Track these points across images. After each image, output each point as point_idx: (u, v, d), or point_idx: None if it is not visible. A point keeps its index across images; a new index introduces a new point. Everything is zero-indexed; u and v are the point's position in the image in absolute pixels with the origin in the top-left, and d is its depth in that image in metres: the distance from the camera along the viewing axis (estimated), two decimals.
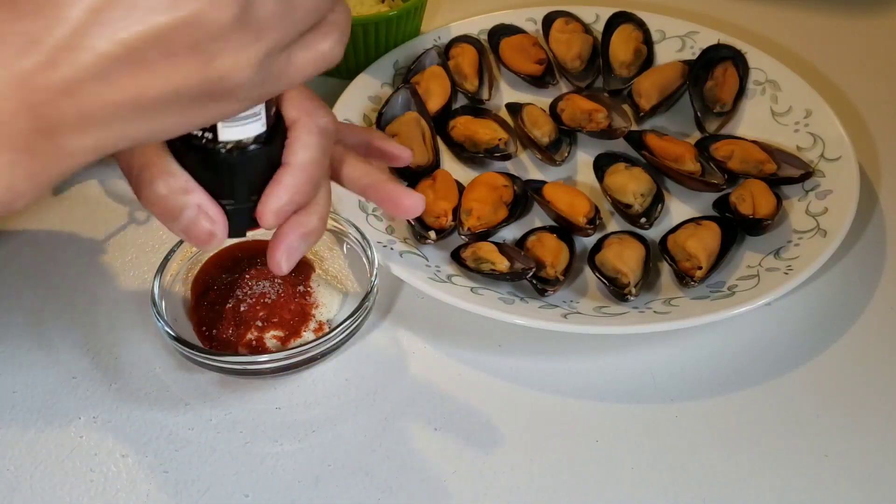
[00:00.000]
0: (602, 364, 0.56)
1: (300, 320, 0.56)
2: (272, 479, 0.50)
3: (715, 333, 0.58)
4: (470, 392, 0.55)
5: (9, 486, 0.50)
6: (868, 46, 0.84)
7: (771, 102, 0.72)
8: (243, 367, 0.53)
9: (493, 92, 0.76)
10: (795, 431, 0.52)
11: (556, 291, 0.59)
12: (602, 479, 0.50)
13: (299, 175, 0.41)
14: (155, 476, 0.50)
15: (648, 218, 0.64)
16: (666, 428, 0.53)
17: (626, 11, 0.78)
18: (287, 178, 0.41)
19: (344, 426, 0.53)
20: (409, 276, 0.57)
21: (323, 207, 0.44)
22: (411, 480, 0.50)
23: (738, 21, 0.85)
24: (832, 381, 0.55)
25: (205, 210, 0.40)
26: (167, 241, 0.64)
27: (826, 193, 0.63)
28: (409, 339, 0.58)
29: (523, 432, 0.52)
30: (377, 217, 0.63)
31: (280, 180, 0.41)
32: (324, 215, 0.45)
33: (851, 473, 0.50)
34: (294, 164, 0.41)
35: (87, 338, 0.58)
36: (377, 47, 0.76)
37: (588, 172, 0.68)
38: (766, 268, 0.59)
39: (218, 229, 0.40)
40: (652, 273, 0.61)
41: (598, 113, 0.70)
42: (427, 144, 0.68)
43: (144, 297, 0.60)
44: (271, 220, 0.41)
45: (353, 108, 0.71)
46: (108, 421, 0.53)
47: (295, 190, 0.41)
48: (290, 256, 0.44)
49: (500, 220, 0.63)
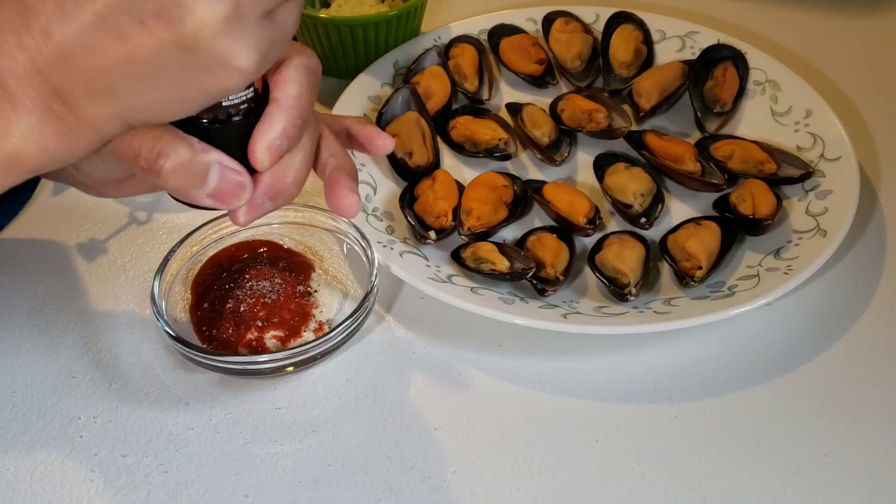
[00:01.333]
0: (602, 364, 0.56)
1: (300, 320, 0.56)
2: (272, 479, 0.50)
3: (715, 333, 0.58)
4: (470, 392, 0.55)
5: (9, 486, 0.50)
6: (868, 46, 0.84)
7: (771, 102, 0.72)
8: (243, 367, 0.53)
9: (493, 92, 0.76)
10: (795, 431, 0.52)
11: (556, 291, 0.59)
12: (602, 479, 0.50)
13: (288, 110, 0.40)
14: (155, 476, 0.50)
15: (648, 218, 0.64)
16: (666, 428, 0.53)
17: (626, 11, 0.78)
18: (276, 113, 0.40)
19: (344, 426, 0.53)
20: (409, 276, 0.57)
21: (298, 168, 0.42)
22: (411, 480, 0.50)
23: (738, 21, 0.85)
24: (832, 381, 0.55)
25: (227, 164, 0.39)
26: (167, 241, 0.64)
27: (826, 193, 0.63)
28: (409, 339, 0.58)
29: (523, 432, 0.52)
30: (377, 217, 0.63)
31: (270, 116, 0.40)
32: (297, 178, 0.42)
33: (851, 473, 0.50)
34: (282, 99, 0.40)
35: (87, 338, 0.58)
36: (377, 47, 0.76)
37: (588, 172, 0.68)
38: (766, 268, 0.59)
39: (246, 179, 0.40)
40: (652, 273, 0.61)
41: (598, 113, 0.70)
42: (427, 144, 0.68)
43: (144, 298, 0.60)
44: (264, 156, 0.40)
45: (353, 108, 0.71)
46: (108, 421, 0.53)
47: (285, 124, 0.40)
48: (251, 210, 0.42)
49: (500, 220, 0.63)
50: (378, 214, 0.64)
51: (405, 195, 0.65)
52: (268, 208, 0.42)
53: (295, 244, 0.61)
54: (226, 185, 0.40)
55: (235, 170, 0.40)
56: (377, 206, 0.65)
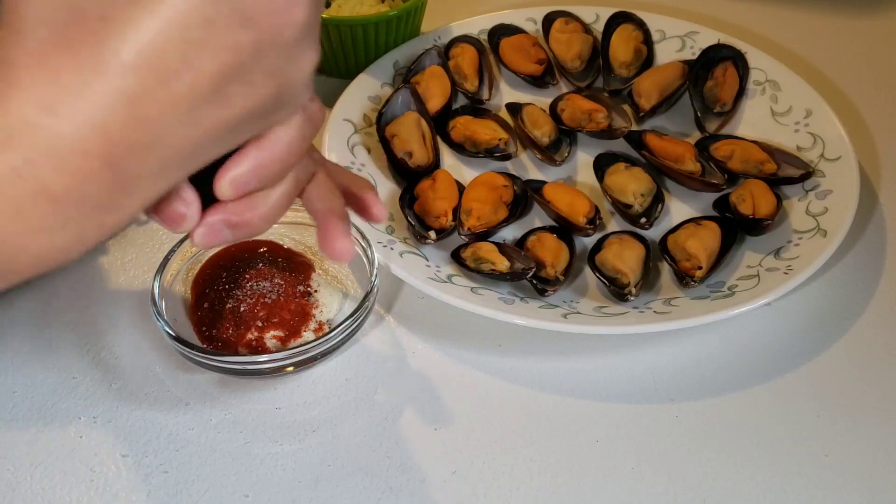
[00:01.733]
0: (602, 364, 0.56)
1: (300, 320, 0.56)
2: (272, 479, 0.50)
3: (715, 333, 0.58)
4: (470, 392, 0.55)
5: (9, 486, 0.50)
6: (868, 46, 0.84)
7: (771, 102, 0.72)
8: (243, 367, 0.53)
9: (493, 92, 0.76)
10: (795, 431, 0.52)
11: (556, 291, 0.59)
12: (602, 479, 0.50)
13: (268, 149, 0.38)
14: (155, 476, 0.50)
15: (648, 218, 0.64)
16: (666, 428, 0.53)
17: (626, 11, 0.78)
18: (252, 150, 0.37)
19: (344, 426, 0.53)
20: (409, 276, 0.57)
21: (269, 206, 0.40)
22: (411, 480, 0.50)
23: (738, 21, 0.85)
24: (832, 381, 0.55)
25: (177, 190, 0.37)
26: (167, 241, 0.64)
27: (826, 193, 0.63)
28: (409, 339, 0.58)
29: (523, 432, 0.52)
30: None
31: (245, 150, 0.37)
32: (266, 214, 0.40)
33: (851, 473, 0.50)
34: (266, 138, 0.37)
35: (87, 338, 0.58)
36: (377, 47, 0.76)
37: (588, 172, 0.68)
38: (766, 268, 0.59)
39: (190, 210, 0.38)
40: (652, 273, 0.61)
41: (598, 113, 0.70)
42: (427, 144, 0.68)
43: (144, 297, 0.60)
44: (226, 189, 0.38)
45: (353, 108, 0.71)
46: (108, 421, 0.53)
47: (258, 163, 0.37)
48: (208, 234, 0.39)
49: (500, 220, 0.63)
50: None
51: (405, 195, 0.65)
52: (227, 237, 0.40)
53: (295, 244, 0.61)
54: (169, 209, 0.37)
55: (185, 200, 0.37)
56: None
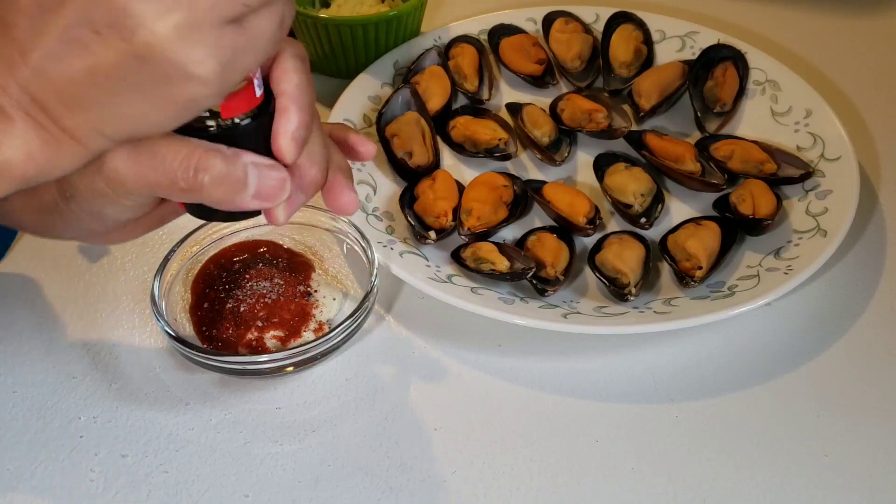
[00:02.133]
0: (602, 364, 0.56)
1: (300, 320, 0.56)
2: (272, 479, 0.50)
3: (715, 333, 0.58)
4: (470, 392, 0.55)
5: (9, 486, 0.50)
6: (868, 46, 0.84)
7: (771, 102, 0.72)
8: (243, 367, 0.53)
9: (493, 92, 0.76)
10: (795, 431, 0.52)
11: (556, 291, 0.59)
12: (602, 479, 0.50)
13: (297, 98, 0.40)
14: (155, 476, 0.50)
15: (648, 218, 0.64)
16: (666, 428, 0.53)
17: (626, 11, 0.78)
18: (290, 105, 0.40)
19: (344, 426, 0.53)
20: (409, 276, 0.57)
21: (319, 155, 0.43)
22: (411, 480, 0.50)
23: (738, 21, 0.85)
24: (832, 381, 0.55)
25: (262, 163, 0.39)
26: (167, 241, 0.63)
27: (826, 193, 0.63)
28: (409, 339, 0.58)
29: (523, 432, 0.52)
30: (377, 217, 0.63)
31: (284, 109, 0.40)
32: (321, 163, 0.43)
33: (851, 473, 0.50)
34: (290, 91, 0.40)
35: (87, 338, 0.58)
36: (377, 47, 0.76)
37: (588, 172, 0.68)
38: (766, 268, 0.59)
39: (284, 173, 0.40)
40: (652, 273, 0.61)
41: (598, 113, 0.70)
42: (427, 144, 0.68)
43: (144, 297, 0.60)
44: (290, 148, 0.40)
45: (353, 108, 0.71)
46: (108, 421, 0.53)
47: (301, 112, 0.40)
48: (288, 206, 0.42)
49: (500, 220, 0.63)
50: (378, 214, 0.64)
51: (405, 195, 0.65)
52: (301, 201, 0.42)
53: (295, 244, 0.61)
54: (267, 182, 0.39)
55: (271, 165, 0.40)
56: (377, 206, 0.65)
